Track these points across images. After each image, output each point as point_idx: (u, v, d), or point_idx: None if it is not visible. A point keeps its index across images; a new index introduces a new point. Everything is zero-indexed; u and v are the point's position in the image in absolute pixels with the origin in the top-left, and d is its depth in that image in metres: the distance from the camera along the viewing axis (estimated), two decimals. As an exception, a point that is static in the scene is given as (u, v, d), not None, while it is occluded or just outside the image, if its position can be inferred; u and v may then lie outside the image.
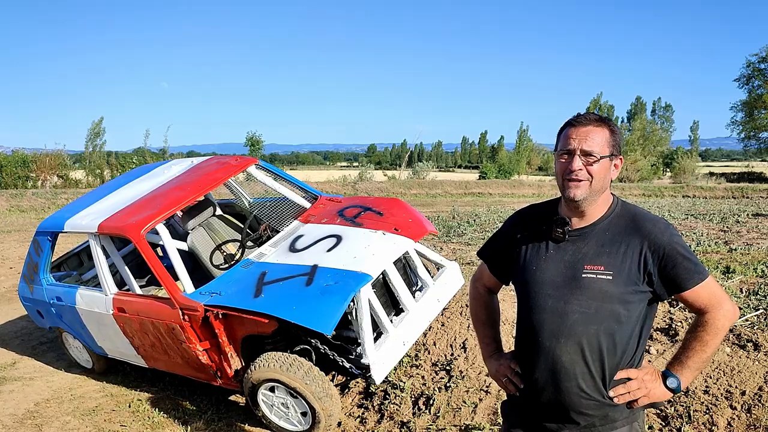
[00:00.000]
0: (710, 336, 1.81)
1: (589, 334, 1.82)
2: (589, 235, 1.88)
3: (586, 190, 1.82)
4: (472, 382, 4.32)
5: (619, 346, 1.84)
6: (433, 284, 4.77)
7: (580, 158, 1.81)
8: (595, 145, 1.81)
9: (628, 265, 1.80)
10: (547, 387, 1.90)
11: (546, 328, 1.87)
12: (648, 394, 1.86)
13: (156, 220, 4.69)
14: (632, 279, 1.80)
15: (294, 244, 4.72)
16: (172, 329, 4.46)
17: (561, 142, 1.87)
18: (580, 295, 1.83)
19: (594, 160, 1.80)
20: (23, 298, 5.99)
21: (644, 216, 1.87)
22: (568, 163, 1.83)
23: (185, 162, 5.82)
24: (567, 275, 1.86)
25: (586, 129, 1.83)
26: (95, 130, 37.05)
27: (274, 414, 4.35)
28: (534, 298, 1.92)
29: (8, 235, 15.25)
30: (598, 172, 1.81)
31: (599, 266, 1.82)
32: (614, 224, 1.87)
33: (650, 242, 1.80)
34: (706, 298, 1.80)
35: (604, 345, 1.82)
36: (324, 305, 3.91)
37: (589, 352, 1.83)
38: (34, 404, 5.26)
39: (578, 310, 1.83)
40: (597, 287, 1.81)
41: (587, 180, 1.81)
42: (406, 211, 5.12)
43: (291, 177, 5.82)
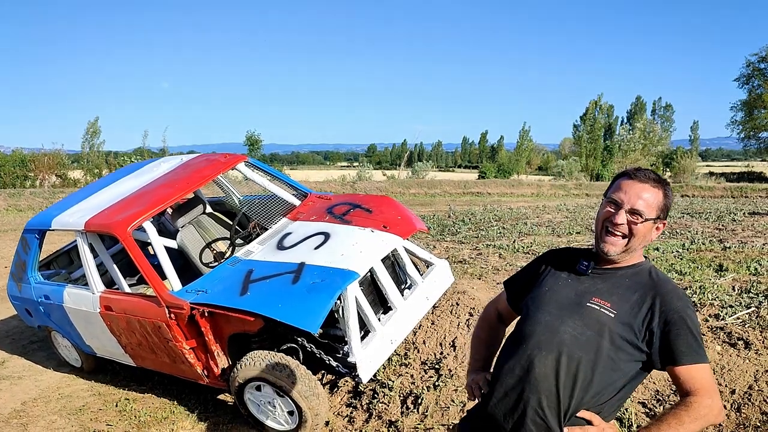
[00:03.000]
0: (689, 418, 1.71)
1: (571, 357, 1.80)
2: (609, 276, 1.90)
3: (621, 248, 1.84)
4: (461, 381, 4.26)
5: (595, 385, 1.80)
6: (422, 282, 4.72)
7: (627, 214, 1.81)
8: (646, 206, 1.81)
9: (634, 313, 1.80)
10: (511, 394, 1.87)
11: (534, 338, 1.87)
12: None
13: (143, 218, 4.64)
14: (633, 329, 1.79)
15: (282, 242, 4.68)
16: (159, 327, 4.41)
17: (613, 190, 1.87)
18: (578, 320, 1.83)
19: (640, 221, 1.80)
20: (12, 296, 5.95)
21: (667, 280, 1.87)
22: (613, 214, 1.83)
23: (175, 159, 5.77)
24: (573, 301, 1.88)
25: (642, 186, 1.82)
26: (92, 130, 37.01)
27: (260, 413, 4.31)
28: (534, 312, 1.94)
29: (5, 235, 15.23)
30: (640, 232, 1.82)
31: (606, 302, 1.83)
32: (637, 275, 1.88)
33: (663, 302, 1.78)
34: (697, 382, 1.74)
35: (581, 376, 1.80)
36: (310, 303, 3.86)
37: (564, 374, 1.80)
38: (21, 403, 5.22)
39: (570, 332, 1.83)
40: (596, 317, 1.81)
41: (626, 238, 1.83)
42: (396, 208, 5.07)
43: (281, 174, 5.78)
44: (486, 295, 5.06)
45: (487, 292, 5.15)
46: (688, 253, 6.10)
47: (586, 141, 54.51)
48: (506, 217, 10.09)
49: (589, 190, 28.70)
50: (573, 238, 7.32)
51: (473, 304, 4.91)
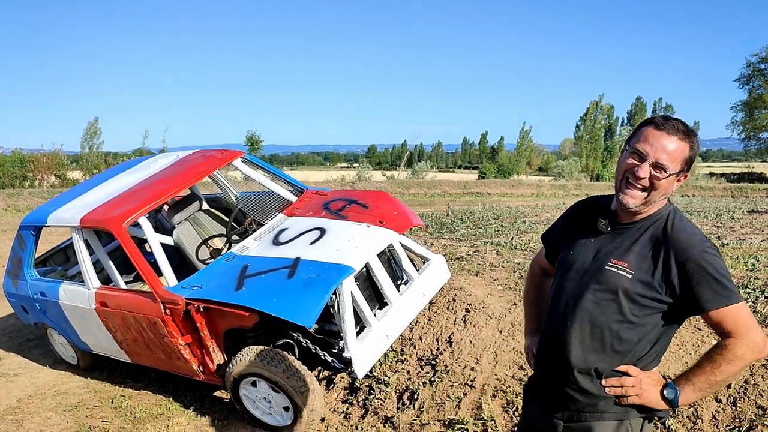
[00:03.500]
0: (724, 360, 1.72)
1: (595, 322, 1.84)
2: (628, 231, 1.86)
3: (640, 200, 1.79)
4: (457, 377, 4.25)
5: (625, 344, 1.82)
6: (419, 278, 4.71)
7: (650, 168, 1.75)
8: (671, 159, 1.74)
9: (652, 269, 1.77)
10: (550, 361, 1.97)
11: (560, 308, 1.93)
12: (640, 395, 1.81)
13: (138, 213, 4.63)
14: (653, 285, 1.77)
15: (277, 237, 4.66)
16: (154, 323, 4.40)
17: (637, 138, 1.79)
18: (597, 284, 1.84)
19: (664, 175, 1.75)
20: (8, 293, 5.94)
21: (684, 228, 1.81)
22: (635, 166, 1.77)
23: (171, 155, 5.77)
24: (593, 264, 1.88)
25: (669, 138, 1.74)
26: (91, 131, 37.01)
27: (256, 409, 4.30)
28: (559, 279, 1.98)
29: (3, 234, 15.21)
30: (662, 186, 1.76)
31: (623, 262, 1.81)
32: (654, 227, 1.83)
33: (677, 253, 1.75)
34: (730, 323, 1.72)
35: (608, 340, 1.83)
36: (305, 298, 3.85)
37: (591, 340, 1.85)
38: (17, 400, 5.21)
39: (592, 298, 1.85)
40: (614, 281, 1.81)
41: (645, 191, 1.78)
42: (392, 203, 5.05)
43: (278, 170, 5.77)
44: (483, 291, 5.05)
45: (484, 288, 5.14)
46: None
47: (586, 141, 54.51)
48: (505, 215, 10.08)
49: (589, 191, 28.72)
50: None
51: (470, 300, 4.90)
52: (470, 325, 4.64)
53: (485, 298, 4.91)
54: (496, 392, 4.00)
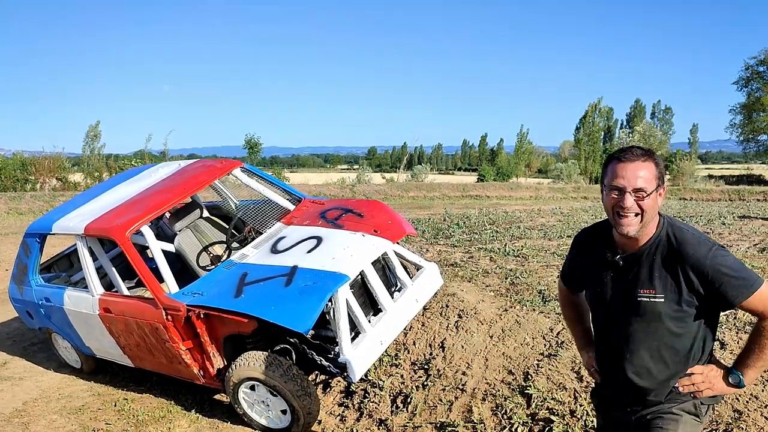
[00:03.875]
0: (767, 340, 1.94)
1: (651, 348, 2.04)
2: (640, 260, 2.02)
3: (637, 225, 1.94)
4: (449, 381, 4.40)
5: (682, 354, 2.04)
6: (412, 285, 4.86)
7: (631, 195, 1.91)
8: (645, 181, 1.90)
9: (677, 287, 1.95)
10: (621, 386, 2.17)
11: (613, 343, 2.14)
12: (711, 387, 2.04)
13: (140, 222, 4.77)
14: (681, 299, 1.95)
15: (276, 246, 4.81)
16: (156, 329, 4.55)
17: (609, 177, 1.96)
18: (639, 317, 2.02)
19: (645, 195, 1.90)
20: (13, 299, 6.08)
21: (688, 240, 1.96)
22: (619, 200, 1.93)
23: (172, 165, 5.91)
24: (625, 298, 2.06)
25: (635, 165, 1.91)
26: (93, 133, 37.11)
27: (254, 412, 4.44)
28: (601, 315, 2.20)
29: (6, 238, 15.35)
30: (649, 206, 1.92)
31: (651, 290, 1.99)
32: (662, 248, 1.99)
33: (693, 266, 1.91)
34: (760, 306, 1.90)
35: (667, 355, 2.04)
36: (301, 305, 4.00)
37: (653, 364, 2.06)
38: (23, 403, 5.34)
39: (638, 329, 2.04)
40: (651, 309, 1.99)
41: (639, 215, 1.93)
42: (386, 213, 5.21)
43: (276, 180, 5.92)
44: (475, 297, 5.20)
45: (476, 294, 5.28)
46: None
47: (585, 144, 54.66)
48: (500, 220, 10.22)
49: (588, 193, 28.86)
50: (564, 241, 7.45)
51: (462, 306, 5.05)
52: (462, 330, 4.79)
53: (477, 304, 5.06)
54: (485, 396, 4.15)
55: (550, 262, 6.18)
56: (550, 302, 4.86)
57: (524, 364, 4.27)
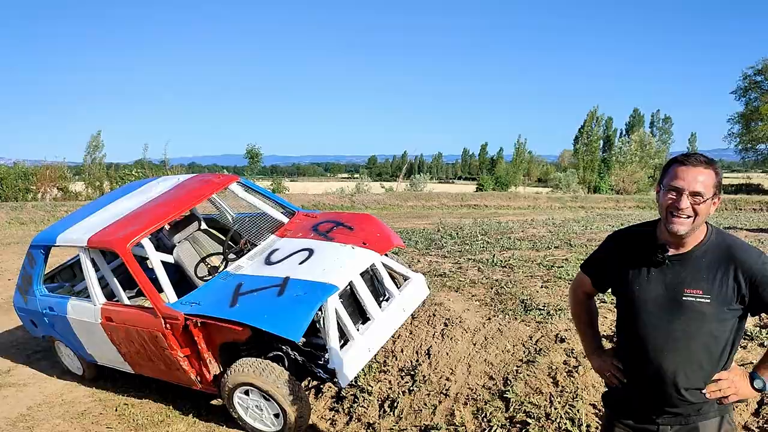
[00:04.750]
0: None
1: (689, 349, 2.09)
2: (687, 261, 2.10)
3: (689, 226, 2.02)
4: (434, 386, 4.63)
5: (715, 357, 2.11)
6: (399, 295, 5.10)
7: (689, 198, 2.00)
8: (704, 187, 2.00)
9: (723, 289, 2.04)
10: (652, 388, 2.19)
11: (651, 342, 2.15)
12: (737, 392, 2.12)
13: (141, 235, 5.01)
14: (727, 301, 2.04)
15: (269, 257, 5.05)
16: (155, 337, 4.79)
17: (669, 177, 2.05)
18: (682, 316, 2.08)
19: (701, 200, 2.00)
20: (18, 308, 6.32)
21: (738, 245, 2.10)
22: (676, 200, 2.01)
23: (172, 179, 6.16)
24: (669, 297, 2.11)
25: (696, 170, 2.01)
26: (94, 143, 37.41)
27: (249, 416, 4.65)
28: (638, 314, 2.19)
29: (8, 248, 15.56)
30: (703, 211, 2.01)
31: (698, 290, 2.06)
32: (710, 252, 2.09)
33: (744, 269, 2.03)
34: None
35: (704, 358, 2.10)
36: (293, 314, 4.24)
37: (689, 364, 2.10)
38: (27, 408, 5.57)
39: (680, 328, 2.09)
40: (697, 309, 2.06)
41: (692, 217, 2.01)
42: (376, 225, 5.46)
43: (271, 194, 6.17)
44: (461, 307, 5.43)
45: (462, 303, 5.51)
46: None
47: (583, 153, 54.97)
48: (493, 231, 10.45)
49: (585, 203, 28.98)
50: (550, 252, 7.68)
51: (448, 315, 5.28)
52: (447, 338, 5.02)
53: (462, 313, 5.29)
54: (467, 400, 4.38)
55: (535, 272, 6.42)
56: (531, 311, 5.08)
57: (504, 369, 4.50)
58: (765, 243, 7.67)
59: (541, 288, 5.80)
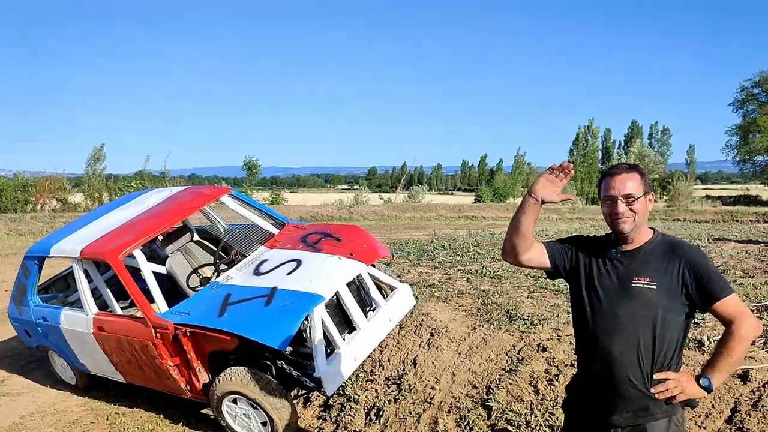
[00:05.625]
0: (735, 343, 2.18)
1: (636, 333, 2.24)
2: (637, 255, 2.32)
3: (632, 224, 2.27)
4: (418, 395, 4.71)
5: (663, 346, 2.24)
6: (385, 305, 5.18)
7: (622, 202, 2.25)
8: (632, 188, 2.26)
9: (669, 278, 2.24)
10: (602, 373, 2.33)
11: (600, 327, 2.32)
12: (684, 391, 2.21)
13: (132, 246, 5.11)
14: (672, 290, 2.23)
15: (258, 268, 5.15)
16: (146, 346, 4.87)
17: (603, 189, 2.31)
18: (630, 302, 2.26)
19: (633, 200, 2.25)
20: (12, 318, 6.40)
21: (683, 243, 2.33)
22: (613, 207, 2.27)
23: (164, 191, 6.27)
24: (619, 285, 2.30)
25: (622, 177, 2.27)
26: (96, 156, 37.49)
27: (237, 424, 4.73)
28: (590, 302, 2.36)
29: (6, 259, 15.65)
30: (639, 209, 2.27)
31: (645, 278, 2.26)
32: (658, 248, 2.31)
33: (687, 261, 2.23)
34: (732, 309, 2.19)
35: (649, 343, 2.24)
36: (279, 323, 4.34)
37: (636, 348, 2.24)
38: (20, 417, 5.65)
39: (627, 313, 2.26)
40: (644, 295, 2.24)
41: (632, 216, 2.26)
42: (363, 237, 5.56)
43: (261, 205, 6.29)
44: (447, 317, 5.51)
45: (449, 313, 5.60)
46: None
47: (580, 165, 55.10)
48: (485, 242, 10.52)
49: (583, 214, 29.01)
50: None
51: (435, 325, 5.36)
52: (433, 347, 5.10)
53: (449, 323, 5.38)
54: (451, 408, 4.47)
55: (522, 283, 6.50)
56: (516, 321, 5.16)
57: (487, 378, 4.58)
58: (751, 254, 7.76)
59: (527, 298, 5.89)
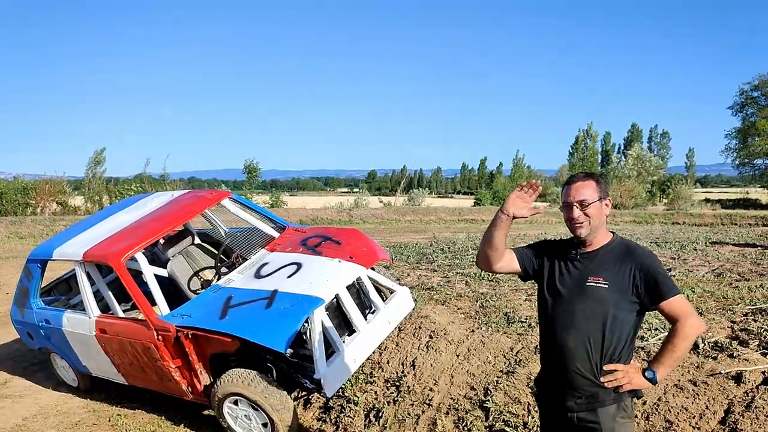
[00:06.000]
0: (679, 340, 2.37)
1: (589, 327, 2.45)
2: (594, 257, 2.53)
3: (588, 228, 2.49)
4: (417, 397, 4.77)
5: (612, 340, 2.45)
6: (384, 307, 5.24)
7: (578, 208, 2.47)
8: (586, 194, 2.47)
9: (621, 278, 2.44)
10: (558, 364, 2.57)
11: (559, 321, 2.55)
12: (630, 381, 2.44)
13: (135, 249, 5.17)
14: (623, 289, 2.43)
15: (259, 271, 5.21)
16: (148, 348, 4.93)
17: (563, 197, 2.53)
18: (585, 299, 2.48)
19: (588, 205, 2.46)
20: (15, 321, 6.46)
21: (636, 246, 2.54)
22: (569, 213, 2.49)
23: (166, 195, 6.33)
24: (576, 284, 2.53)
25: (577, 185, 2.50)
26: (96, 159, 37.58)
27: (238, 425, 4.78)
28: (552, 298, 2.60)
29: (6, 262, 15.69)
30: (594, 214, 2.48)
31: (599, 278, 2.47)
32: (614, 251, 2.52)
33: (638, 264, 2.43)
34: (678, 308, 2.37)
35: (600, 337, 2.44)
36: (280, 326, 4.40)
37: (588, 341, 2.46)
38: (22, 419, 5.70)
39: (581, 309, 2.48)
40: (597, 294, 2.46)
41: (587, 221, 2.47)
42: (362, 240, 5.62)
43: (262, 209, 6.35)
44: (446, 319, 5.57)
45: (448, 316, 5.66)
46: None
47: (580, 168, 55.20)
48: (484, 246, 10.57)
49: (582, 217, 29.06)
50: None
51: (433, 328, 5.42)
52: (432, 350, 5.16)
53: (447, 325, 5.44)
54: (449, 410, 4.52)
55: (520, 286, 6.56)
56: (514, 323, 5.23)
57: (485, 380, 4.64)
58: (748, 257, 7.82)
59: (524, 301, 5.95)
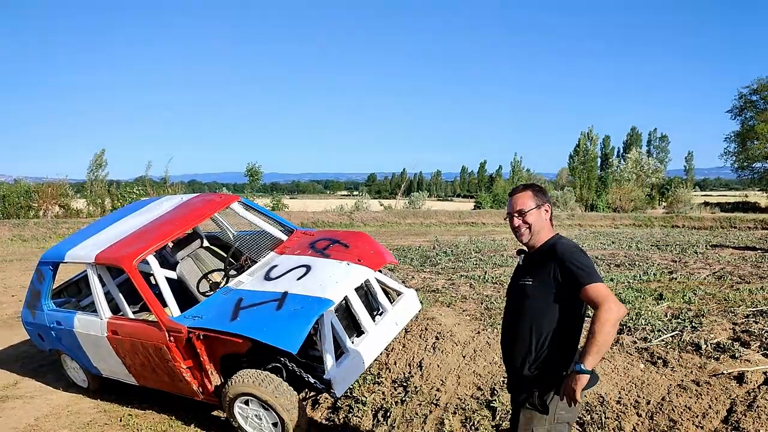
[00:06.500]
0: (596, 327, 2.49)
1: (527, 317, 2.74)
2: (530, 259, 2.85)
3: (528, 235, 2.80)
4: (425, 397, 4.86)
5: (538, 335, 2.71)
6: (392, 309, 5.34)
7: (517, 217, 2.78)
8: (522, 204, 2.78)
9: (544, 275, 2.69)
10: (506, 363, 2.94)
11: (505, 319, 2.94)
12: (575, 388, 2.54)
13: (146, 252, 5.27)
14: (546, 284, 2.68)
15: (269, 273, 5.30)
16: (160, 349, 5.02)
17: (506, 209, 2.87)
18: (518, 297, 2.80)
19: (525, 212, 2.77)
20: (26, 322, 6.55)
21: (561, 244, 2.75)
22: (510, 222, 2.83)
23: (175, 198, 6.43)
24: (515, 285, 2.88)
25: (515, 196, 2.83)
26: (97, 162, 37.73)
27: (248, 425, 4.87)
28: (506, 302, 3.02)
29: (10, 264, 15.78)
30: (533, 220, 2.77)
31: (528, 276, 2.77)
32: (544, 251, 2.77)
33: (557, 258, 2.66)
34: (593, 296, 2.53)
35: (535, 325, 2.71)
36: (291, 327, 4.49)
37: (528, 329, 2.73)
38: (34, 419, 5.78)
39: (516, 307, 2.83)
40: (526, 290, 2.76)
41: (527, 227, 2.77)
42: (370, 243, 5.73)
43: (271, 213, 6.44)
44: (452, 321, 5.67)
45: (454, 318, 5.76)
46: (638, 283, 6.74)
47: (580, 171, 55.34)
48: (486, 248, 10.69)
49: (582, 221, 29.14)
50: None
51: (440, 329, 5.52)
52: (438, 351, 5.26)
53: (453, 327, 5.54)
54: (456, 410, 4.61)
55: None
56: (518, 325, 5.32)
57: (491, 380, 4.73)
58: (748, 260, 7.92)
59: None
